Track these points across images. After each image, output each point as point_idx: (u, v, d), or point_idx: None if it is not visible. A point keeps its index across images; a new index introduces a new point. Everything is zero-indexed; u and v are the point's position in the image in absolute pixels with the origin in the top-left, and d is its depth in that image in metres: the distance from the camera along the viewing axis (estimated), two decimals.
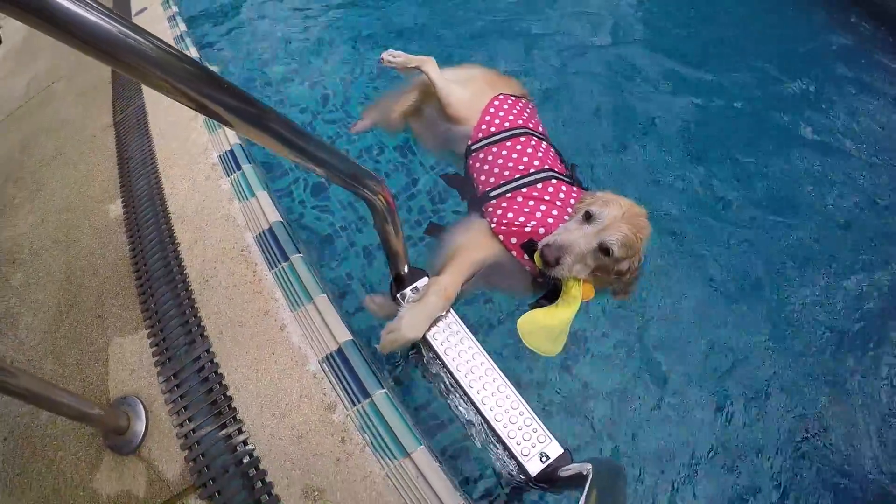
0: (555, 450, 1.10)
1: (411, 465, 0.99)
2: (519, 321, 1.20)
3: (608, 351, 1.57)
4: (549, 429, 1.12)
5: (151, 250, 1.37)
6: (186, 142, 1.62)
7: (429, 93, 1.70)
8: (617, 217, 1.20)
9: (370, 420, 1.03)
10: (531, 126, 1.56)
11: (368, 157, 1.91)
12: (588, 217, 1.23)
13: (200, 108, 0.64)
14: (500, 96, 1.62)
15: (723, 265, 1.78)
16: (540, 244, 1.22)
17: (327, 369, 1.09)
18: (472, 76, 1.74)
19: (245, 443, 1.07)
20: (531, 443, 1.12)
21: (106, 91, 2.08)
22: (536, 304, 1.34)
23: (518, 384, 1.45)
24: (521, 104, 1.64)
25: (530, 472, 1.08)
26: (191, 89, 0.60)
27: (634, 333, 1.60)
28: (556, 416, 1.46)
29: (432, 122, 1.75)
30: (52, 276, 1.48)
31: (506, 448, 1.12)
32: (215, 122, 1.61)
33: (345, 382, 1.07)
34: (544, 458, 1.09)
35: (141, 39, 0.53)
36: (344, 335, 1.12)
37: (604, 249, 1.19)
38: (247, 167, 1.45)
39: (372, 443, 1.01)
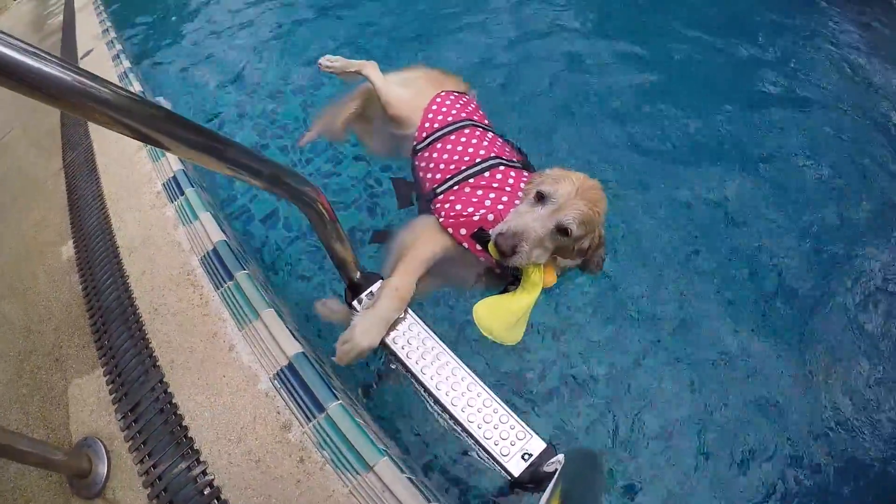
0: (537, 446, 1.03)
1: (375, 479, 0.93)
2: (475, 307, 1.14)
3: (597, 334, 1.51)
4: (530, 424, 1.05)
5: (103, 286, 1.34)
6: (132, 174, 1.60)
7: (373, 98, 1.65)
8: (571, 194, 1.14)
9: (328, 435, 0.98)
10: (476, 119, 1.52)
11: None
12: (540, 198, 1.16)
13: (142, 138, 0.69)
14: (442, 93, 1.56)
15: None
16: (493, 233, 1.15)
17: (279, 386, 1.04)
18: (415, 76, 1.69)
19: (204, 473, 1.02)
20: (510, 441, 1.05)
21: (57, 137, 2.08)
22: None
23: (496, 381, 1.41)
24: (464, 99, 1.59)
25: (513, 473, 1.01)
26: (128, 118, 0.65)
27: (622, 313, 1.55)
28: (542, 407, 1.40)
29: (378, 127, 1.71)
30: (10, 326, 1.46)
31: (485, 450, 1.06)
32: (158, 152, 1.60)
33: (298, 398, 1.02)
34: (526, 457, 1.02)
35: (92, 83, 0.59)
36: (293, 348, 1.07)
37: (562, 230, 1.13)
38: (189, 191, 1.42)
39: (332, 459, 0.96)
